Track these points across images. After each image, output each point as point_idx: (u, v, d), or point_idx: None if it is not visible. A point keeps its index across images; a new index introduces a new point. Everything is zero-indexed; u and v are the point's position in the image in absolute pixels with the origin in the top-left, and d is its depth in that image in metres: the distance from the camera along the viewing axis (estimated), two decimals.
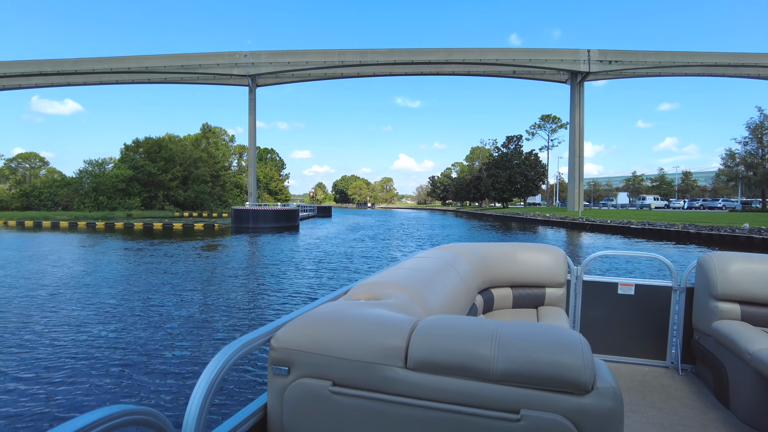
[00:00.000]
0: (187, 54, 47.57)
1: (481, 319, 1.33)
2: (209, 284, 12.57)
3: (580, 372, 1.07)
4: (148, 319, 8.69)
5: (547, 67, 51.41)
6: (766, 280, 3.01)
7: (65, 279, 13.02)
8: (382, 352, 1.22)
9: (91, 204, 58.46)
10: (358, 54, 48.39)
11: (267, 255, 19.52)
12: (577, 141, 54.60)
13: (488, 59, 49.76)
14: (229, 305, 9.95)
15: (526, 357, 1.11)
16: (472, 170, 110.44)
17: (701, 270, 3.25)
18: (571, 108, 55.45)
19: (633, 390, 3.13)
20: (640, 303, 3.61)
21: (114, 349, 6.94)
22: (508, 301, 3.40)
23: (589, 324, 3.68)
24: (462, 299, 2.47)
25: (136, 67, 47.26)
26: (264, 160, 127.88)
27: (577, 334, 1.20)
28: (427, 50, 49.03)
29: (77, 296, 10.65)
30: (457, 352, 1.17)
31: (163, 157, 73.46)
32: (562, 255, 3.45)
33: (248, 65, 48.26)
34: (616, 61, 51.39)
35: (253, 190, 51.49)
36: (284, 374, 1.32)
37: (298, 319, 1.41)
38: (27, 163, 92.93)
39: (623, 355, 3.64)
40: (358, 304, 1.58)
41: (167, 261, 17.18)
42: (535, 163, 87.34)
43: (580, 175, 55.22)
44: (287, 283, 12.75)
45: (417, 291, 1.90)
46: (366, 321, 1.34)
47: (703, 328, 3.24)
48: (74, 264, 16.13)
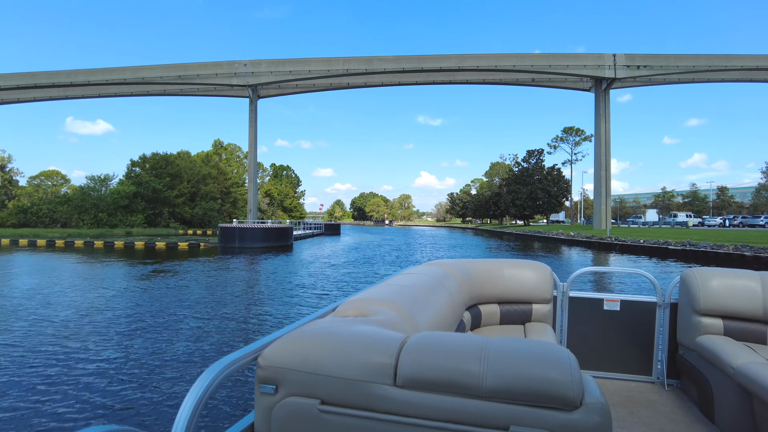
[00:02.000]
0: (185, 64, 45.29)
1: (470, 336, 1.29)
2: (73, 337, 9.10)
3: (568, 388, 1.07)
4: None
5: (568, 73, 47.36)
6: (747, 295, 3.05)
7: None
8: (371, 370, 1.20)
9: (90, 221, 56.51)
10: (364, 62, 45.34)
11: (217, 286, 16.03)
12: (603, 153, 50.10)
13: (505, 65, 46.09)
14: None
15: (515, 373, 1.11)
16: (491, 186, 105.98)
17: (684, 285, 3.29)
18: (595, 118, 51.11)
19: (620, 406, 3.14)
20: (626, 319, 3.62)
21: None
22: (496, 317, 3.41)
23: (576, 340, 3.68)
24: (450, 316, 2.45)
25: (132, 78, 45.17)
26: (279, 176, 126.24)
27: (565, 350, 1.19)
28: (437, 56, 45.65)
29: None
30: (446, 368, 1.16)
31: (170, 173, 71.68)
32: (548, 271, 3.45)
33: (248, 75, 45.64)
34: (644, 65, 47.04)
35: (253, 207, 48.43)
36: (272, 393, 1.29)
37: (286, 336, 1.38)
38: (49, 181, 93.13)
39: (610, 371, 3.64)
40: (346, 321, 1.56)
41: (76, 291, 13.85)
42: (557, 179, 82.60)
43: (606, 190, 50.56)
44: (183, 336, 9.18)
45: (405, 308, 1.89)
46: (354, 338, 1.32)
47: (687, 343, 3.27)
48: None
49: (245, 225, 30.97)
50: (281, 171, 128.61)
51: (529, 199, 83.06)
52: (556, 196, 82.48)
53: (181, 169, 74.86)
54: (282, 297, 13.14)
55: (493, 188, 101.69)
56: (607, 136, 50.33)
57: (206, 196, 77.26)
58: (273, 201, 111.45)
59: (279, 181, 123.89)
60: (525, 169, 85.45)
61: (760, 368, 2.49)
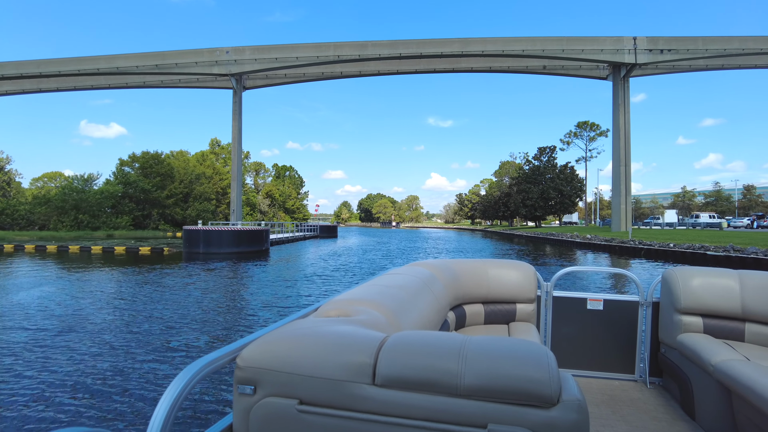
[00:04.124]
0: (162, 52, 41.49)
1: (449, 334, 1.29)
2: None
3: (545, 385, 1.08)
4: None
5: (584, 59, 42.83)
6: (725, 293, 3.07)
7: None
8: (350, 370, 1.20)
9: (70, 223, 53.10)
10: (357, 47, 41.19)
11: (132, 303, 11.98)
12: (623, 147, 45.38)
13: (513, 50, 41.67)
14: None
15: (493, 371, 1.11)
16: (500, 186, 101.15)
17: (666, 285, 3.30)
18: (613, 109, 46.43)
19: (603, 404, 3.13)
20: (609, 318, 3.62)
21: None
22: (480, 317, 3.39)
23: (560, 339, 3.67)
24: (434, 316, 2.44)
25: (106, 67, 41.53)
26: (282, 177, 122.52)
27: (544, 348, 1.20)
28: (438, 41, 41.33)
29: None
30: (425, 367, 1.16)
31: (160, 173, 68.19)
32: (531, 271, 3.44)
33: (230, 63, 41.75)
34: (669, 49, 42.35)
35: (237, 207, 44.48)
36: (250, 393, 1.28)
37: (265, 337, 1.37)
38: (53, 183, 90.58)
39: (593, 370, 3.63)
40: (328, 321, 1.54)
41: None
42: (571, 177, 77.64)
43: (626, 188, 45.80)
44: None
45: (388, 307, 1.87)
46: (334, 338, 1.31)
47: (668, 341, 3.28)
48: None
49: (211, 227, 26.98)
50: (284, 171, 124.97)
51: (541, 199, 78.21)
52: (569, 195, 77.51)
53: (173, 169, 71.37)
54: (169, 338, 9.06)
55: (502, 188, 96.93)
56: (627, 129, 45.64)
57: (200, 196, 73.62)
58: (274, 202, 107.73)
59: (281, 181, 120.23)
60: (536, 168, 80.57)
61: (738, 365, 2.50)
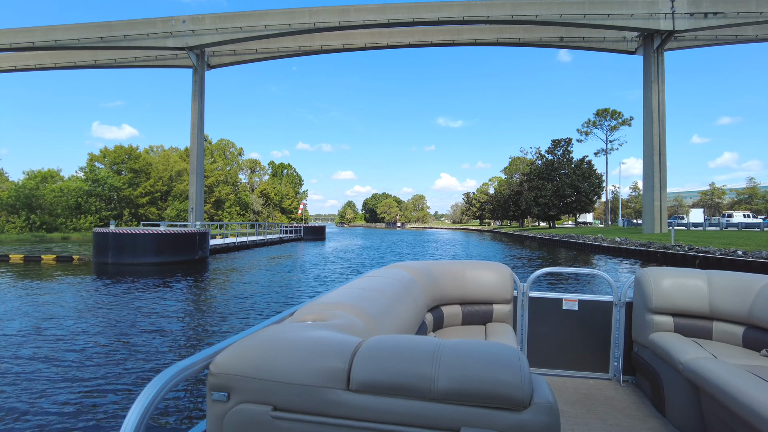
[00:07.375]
0: (109, 22, 34.80)
1: (424, 338, 1.31)
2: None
3: (517, 388, 1.09)
4: None
5: (610, 25, 35.57)
6: (694, 293, 3.17)
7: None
8: (324, 375, 1.20)
9: (21, 224, 47.05)
10: (338, 13, 34.26)
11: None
12: (657, 133, 38.03)
13: (524, 15, 34.55)
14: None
15: (466, 375, 1.12)
16: (510, 184, 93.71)
17: (638, 285, 3.38)
18: (644, 88, 39.11)
19: (578, 403, 3.16)
20: (584, 318, 3.68)
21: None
22: (458, 318, 3.41)
23: (536, 339, 3.72)
24: (411, 318, 2.44)
25: (42, 40, 35.05)
26: (278, 176, 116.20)
27: (516, 350, 1.20)
28: (435, 4, 34.25)
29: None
30: (399, 372, 1.16)
31: (133, 169, 62.02)
32: (508, 272, 3.47)
33: (187, 34, 35.08)
34: (715, 13, 35.01)
35: (195, 206, 37.79)
36: (224, 400, 1.26)
37: (239, 343, 1.35)
38: (46, 182, 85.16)
39: (569, 369, 3.69)
40: (303, 326, 1.52)
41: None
42: (588, 172, 69.96)
43: (661, 182, 38.43)
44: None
45: (365, 311, 1.85)
46: (308, 343, 1.30)
47: (641, 340, 3.35)
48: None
49: (123, 230, 20.27)
50: (281, 170, 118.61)
51: (555, 197, 70.67)
52: (586, 193, 69.91)
53: (150, 165, 65.20)
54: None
55: (512, 186, 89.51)
56: (662, 111, 38.22)
57: (181, 195, 67.43)
58: (269, 201, 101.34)
59: (278, 180, 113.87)
60: (550, 162, 73.00)
61: (705, 363, 2.55)
